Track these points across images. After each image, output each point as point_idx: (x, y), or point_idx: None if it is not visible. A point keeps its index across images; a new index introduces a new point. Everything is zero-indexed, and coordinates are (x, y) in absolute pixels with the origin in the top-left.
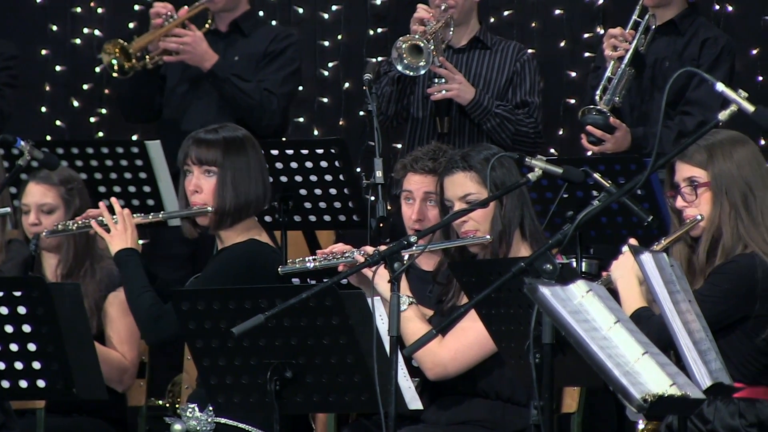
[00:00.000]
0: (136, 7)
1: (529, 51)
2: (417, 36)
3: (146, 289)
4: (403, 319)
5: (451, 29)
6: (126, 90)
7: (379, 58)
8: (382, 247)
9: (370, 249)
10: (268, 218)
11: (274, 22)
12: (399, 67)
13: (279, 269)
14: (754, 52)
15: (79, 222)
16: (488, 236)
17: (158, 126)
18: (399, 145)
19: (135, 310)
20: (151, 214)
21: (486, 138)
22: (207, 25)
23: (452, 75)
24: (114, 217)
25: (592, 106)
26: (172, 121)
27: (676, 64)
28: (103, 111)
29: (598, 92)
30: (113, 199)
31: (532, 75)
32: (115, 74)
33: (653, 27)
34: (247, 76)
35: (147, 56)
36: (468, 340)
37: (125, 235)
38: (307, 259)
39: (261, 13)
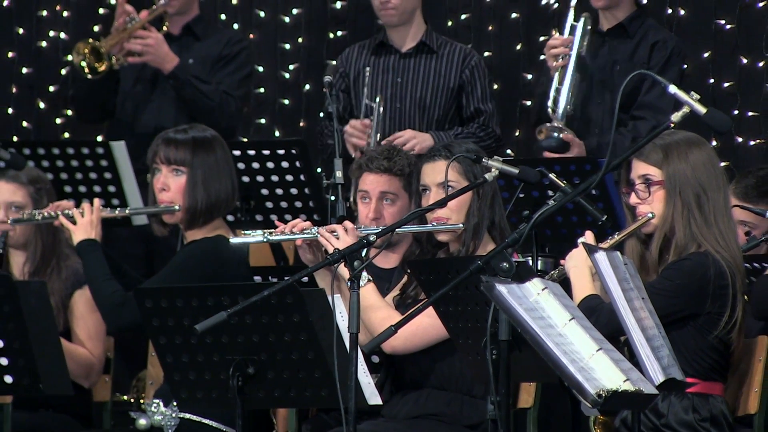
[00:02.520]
0: (101, 11)
1: (476, 56)
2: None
3: (108, 277)
4: (364, 299)
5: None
6: (83, 90)
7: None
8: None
9: (338, 229)
10: (230, 218)
11: (235, 25)
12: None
13: (230, 240)
14: (706, 55)
15: (45, 213)
16: (461, 224)
17: (114, 126)
18: None
19: (97, 297)
20: (118, 209)
21: None
22: (164, 28)
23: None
24: (80, 209)
25: (549, 125)
26: (128, 122)
27: (627, 67)
28: (69, 112)
29: (549, 104)
30: (85, 204)
31: (482, 81)
32: (88, 75)
33: (589, 28)
34: (203, 78)
35: (113, 57)
36: (421, 323)
37: (89, 227)
38: (263, 231)
39: (223, 16)
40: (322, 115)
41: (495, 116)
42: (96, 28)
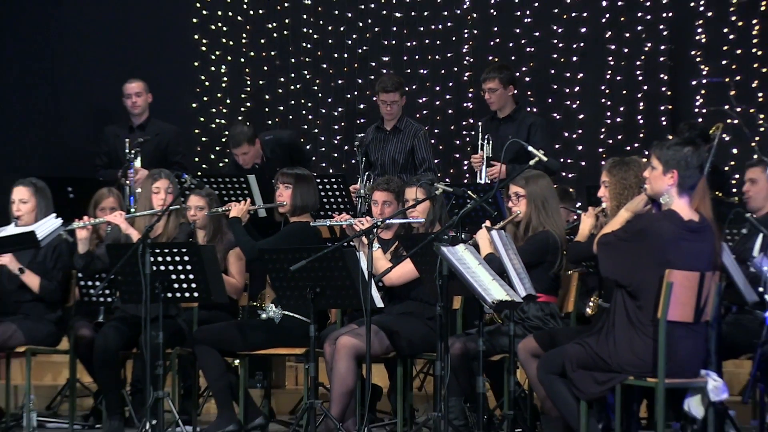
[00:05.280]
0: None
1: (421, 130)
2: None
3: (245, 235)
4: (374, 256)
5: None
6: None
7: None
8: (366, 220)
9: (363, 220)
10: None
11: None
12: None
13: (311, 223)
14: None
15: (221, 209)
16: (422, 219)
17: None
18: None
19: (240, 244)
20: (255, 206)
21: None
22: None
23: None
24: (235, 204)
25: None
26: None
27: (514, 137)
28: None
29: (485, 180)
30: (237, 203)
31: (425, 144)
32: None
33: (490, 146)
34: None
35: None
36: (403, 271)
37: (238, 213)
38: (326, 220)
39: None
40: (353, 161)
41: (432, 162)
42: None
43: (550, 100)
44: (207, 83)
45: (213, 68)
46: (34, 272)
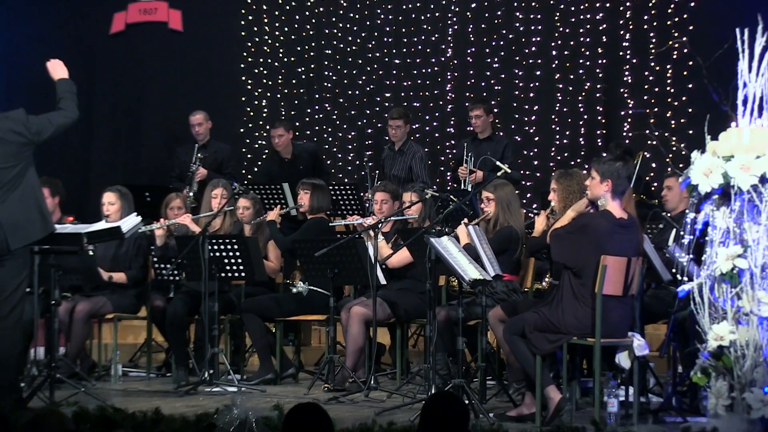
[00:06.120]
0: None
1: (420, 151)
2: None
3: (278, 233)
4: (380, 245)
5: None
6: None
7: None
8: (369, 220)
9: (369, 220)
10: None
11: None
12: None
13: (329, 223)
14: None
15: (260, 219)
16: (415, 216)
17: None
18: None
19: (275, 240)
20: (287, 208)
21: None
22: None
23: None
24: (273, 210)
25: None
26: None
27: (492, 156)
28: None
29: (469, 186)
30: (272, 210)
31: (420, 163)
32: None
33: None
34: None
35: None
36: (401, 256)
37: (273, 215)
38: (343, 220)
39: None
40: (363, 173)
41: (425, 177)
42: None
43: (513, 126)
44: (251, 113)
45: (256, 102)
46: (118, 263)
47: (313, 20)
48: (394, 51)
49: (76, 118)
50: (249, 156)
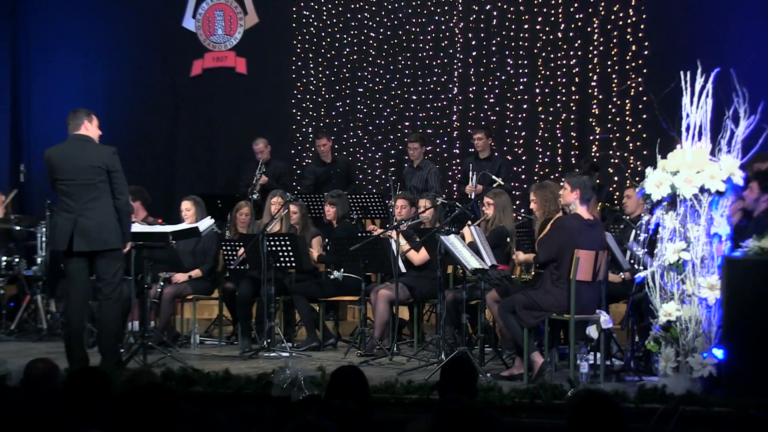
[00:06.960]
0: None
1: (434, 168)
2: None
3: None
4: (402, 244)
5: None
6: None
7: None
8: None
9: (390, 232)
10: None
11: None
12: None
13: (359, 234)
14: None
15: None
16: (429, 218)
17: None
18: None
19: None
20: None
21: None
22: None
23: None
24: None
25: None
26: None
27: (490, 171)
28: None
29: (473, 197)
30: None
31: (434, 176)
32: None
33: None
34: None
35: None
36: (422, 254)
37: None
38: (375, 232)
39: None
40: (387, 184)
41: (437, 188)
42: None
43: (505, 148)
44: (300, 138)
45: (303, 129)
46: (196, 255)
47: (349, 65)
48: (412, 89)
49: (126, 210)
50: (299, 171)
